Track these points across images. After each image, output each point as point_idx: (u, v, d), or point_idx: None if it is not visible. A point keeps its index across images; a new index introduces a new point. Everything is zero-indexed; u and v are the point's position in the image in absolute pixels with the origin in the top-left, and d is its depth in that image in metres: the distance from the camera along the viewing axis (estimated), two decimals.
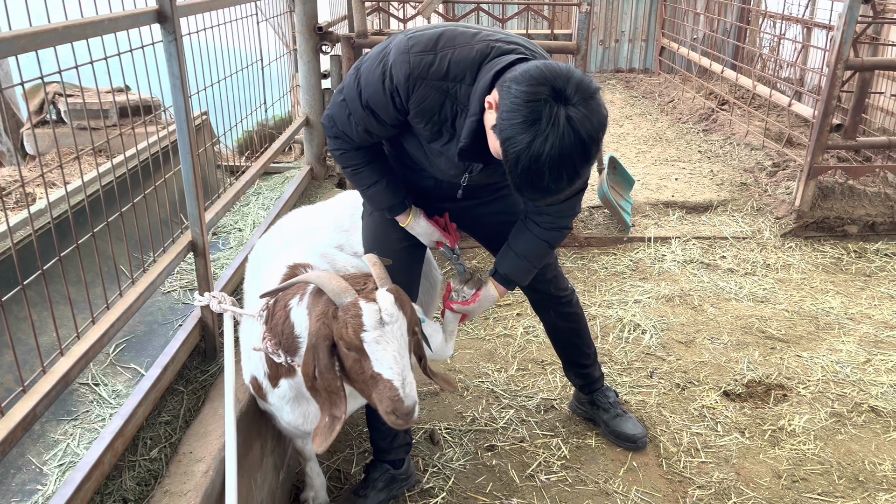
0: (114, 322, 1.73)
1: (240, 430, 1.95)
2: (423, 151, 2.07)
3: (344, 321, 1.60)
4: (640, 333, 3.50)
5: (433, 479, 2.56)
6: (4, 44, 1.28)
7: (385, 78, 1.86)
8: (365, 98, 1.92)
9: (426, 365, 1.92)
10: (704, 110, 6.63)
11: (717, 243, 4.39)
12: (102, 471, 1.68)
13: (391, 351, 1.60)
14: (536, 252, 2.19)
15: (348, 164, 2.12)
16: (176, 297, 2.81)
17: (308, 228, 2.30)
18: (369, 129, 2.00)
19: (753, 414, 2.91)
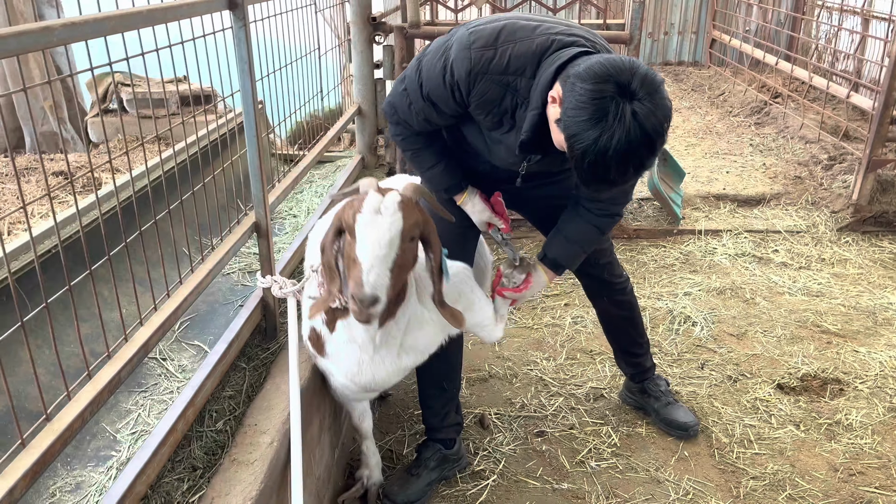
0: (187, 296, 1.80)
1: (302, 405, 2.02)
2: (483, 139, 2.11)
3: (350, 205, 1.71)
4: (691, 325, 3.48)
5: (483, 462, 2.60)
6: (95, 24, 1.35)
7: (446, 73, 1.90)
8: (426, 91, 1.97)
9: (440, 291, 1.90)
10: (756, 103, 6.51)
11: (769, 237, 4.32)
12: (175, 437, 1.76)
13: (373, 237, 1.64)
14: (587, 237, 2.22)
15: (409, 148, 2.18)
16: (235, 278, 2.89)
17: None
18: (429, 119, 2.05)
19: (808, 407, 2.87)
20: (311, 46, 3.38)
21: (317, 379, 2.24)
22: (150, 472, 1.62)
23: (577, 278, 2.67)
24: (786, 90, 6.21)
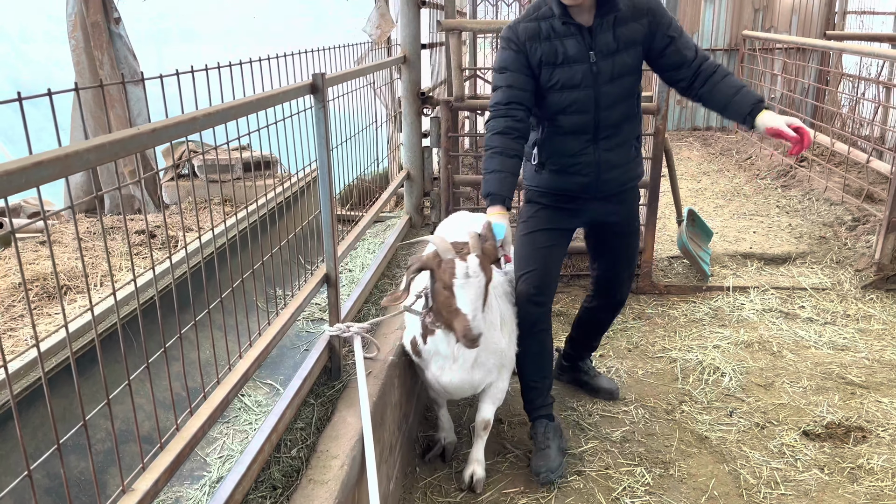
0: (276, 333, 2.12)
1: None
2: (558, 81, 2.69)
3: (444, 269, 2.36)
4: (720, 376, 3.67)
5: (525, 498, 2.81)
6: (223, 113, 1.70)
7: (503, 43, 2.72)
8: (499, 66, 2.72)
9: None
10: (782, 167, 6.77)
11: (795, 294, 4.52)
12: (262, 458, 2.04)
13: (470, 295, 2.33)
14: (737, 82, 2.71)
15: (490, 146, 2.66)
16: (300, 326, 3.22)
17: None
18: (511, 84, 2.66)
19: (833, 452, 3.04)
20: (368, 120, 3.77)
21: (377, 415, 2.52)
22: (244, 485, 1.90)
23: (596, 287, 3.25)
24: (810, 155, 6.47)
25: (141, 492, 1.36)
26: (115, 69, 4.87)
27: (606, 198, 2.92)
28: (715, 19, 8.77)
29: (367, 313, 3.32)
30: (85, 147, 1.17)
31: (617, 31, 2.67)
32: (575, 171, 2.84)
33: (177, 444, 1.53)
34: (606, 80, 2.70)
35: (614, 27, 2.66)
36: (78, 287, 3.32)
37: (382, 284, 3.66)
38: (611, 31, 2.66)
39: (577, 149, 2.80)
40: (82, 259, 1.30)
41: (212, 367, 2.07)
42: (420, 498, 2.84)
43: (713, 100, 2.73)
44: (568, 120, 2.76)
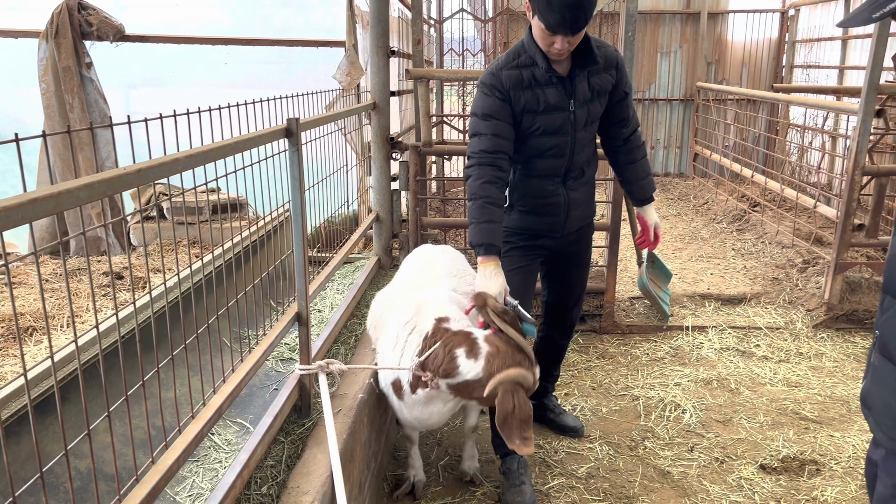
0: (249, 369, 2.16)
1: None
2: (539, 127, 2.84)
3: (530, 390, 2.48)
4: (681, 413, 3.78)
5: None
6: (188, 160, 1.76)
7: (485, 90, 2.80)
8: (483, 113, 2.78)
9: None
10: (737, 212, 7.04)
11: (751, 332, 4.69)
12: (234, 493, 2.06)
13: None
14: (647, 168, 3.12)
15: (478, 195, 2.70)
16: (270, 365, 3.24)
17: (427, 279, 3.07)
18: (497, 133, 2.75)
19: (789, 485, 3.15)
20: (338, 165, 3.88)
21: (347, 452, 2.55)
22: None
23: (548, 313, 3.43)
24: (762, 200, 6.76)
25: None
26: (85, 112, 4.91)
27: (570, 234, 3.13)
28: (671, 71, 9.18)
29: (337, 353, 3.36)
30: (76, 185, 1.24)
31: (591, 81, 2.87)
32: (545, 211, 3.02)
33: (152, 476, 1.56)
34: (581, 127, 2.90)
35: (589, 77, 2.86)
36: (44, 328, 3.30)
37: (351, 324, 3.71)
38: (586, 81, 2.85)
39: (549, 190, 2.98)
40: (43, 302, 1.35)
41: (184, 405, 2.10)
42: None
43: (626, 172, 3.12)
44: (543, 163, 2.94)
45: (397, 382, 2.76)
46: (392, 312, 2.96)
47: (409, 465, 3.14)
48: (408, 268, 3.32)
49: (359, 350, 3.37)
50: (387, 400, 3.02)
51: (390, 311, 2.98)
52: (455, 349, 2.52)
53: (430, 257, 3.31)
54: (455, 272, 3.16)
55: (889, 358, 1.68)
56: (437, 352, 2.56)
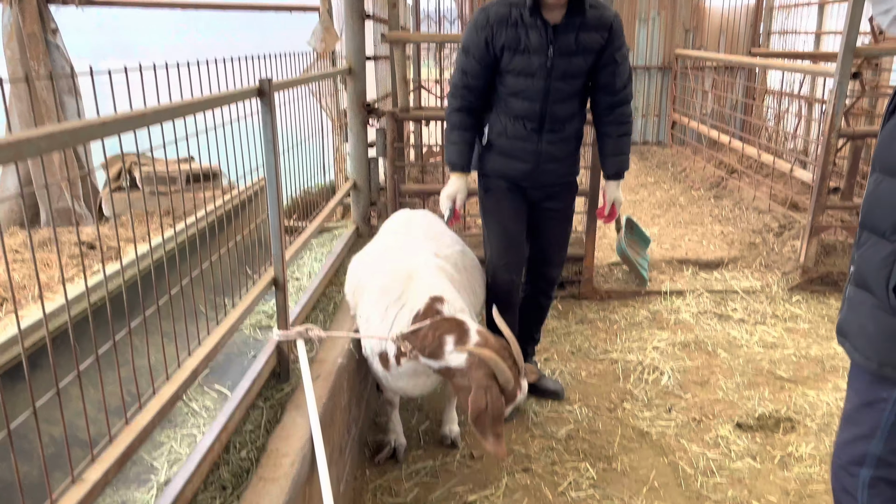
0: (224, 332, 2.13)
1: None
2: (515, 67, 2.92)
3: (509, 398, 2.44)
4: (659, 375, 3.82)
5: (473, 496, 2.86)
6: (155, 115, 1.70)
7: (472, 24, 2.93)
8: (463, 46, 2.97)
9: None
10: (715, 178, 7.08)
11: (728, 296, 4.74)
12: (212, 457, 2.04)
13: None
14: (625, 145, 3.14)
15: (449, 122, 3.11)
16: (248, 333, 3.21)
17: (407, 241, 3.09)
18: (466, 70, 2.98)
19: (764, 442, 3.20)
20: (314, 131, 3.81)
21: (327, 415, 2.54)
22: (194, 483, 1.90)
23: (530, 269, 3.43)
24: (740, 167, 6.79)
25: (90, 482, 1.36)
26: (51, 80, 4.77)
27: (544, 187, 3.18)
28: (648, 39, 9.14)
29: (315, 319, 3.34)
30: (38, 135, 1.19)
31: (579, 36, 2.88)
32: (517, 155, 3.09)
33: (126, 436, 1.54)
34: (559, 77, 2.92)
35: (578, 31, 2.87)
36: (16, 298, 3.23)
37: (330, 292, 3.68)
38: (573, 34, 2.86)
39: (523, 135, 3.04)
40: (9, 271, 1.31)
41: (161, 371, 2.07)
42: (370, 499, 2.86)
43: (603, 143, 3.18)
44: (518, 104, 3.00)
45: (384, 354, 2.76)
46: (372, 277, 2.94)
47: (390, 429, 3.15)
48: (386, 231, 3.30)
49: (338, 317, 3.35)
50: (368, 367, 3.01)
51: (370, 276, 2.96)
52: (445, 335, 2.52)
53: (409, 221, 3.30)
54: (433, 235, 3.14)
55: (864, 287, 1.76)
56: (425, 332, 2.55)
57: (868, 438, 1.80)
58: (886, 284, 1.70)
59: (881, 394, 1.76)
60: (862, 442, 1.82)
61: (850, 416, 1.86)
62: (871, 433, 1.79)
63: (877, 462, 1.80)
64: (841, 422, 1.94)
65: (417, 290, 2.69)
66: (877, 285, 1.72)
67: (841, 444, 1.91)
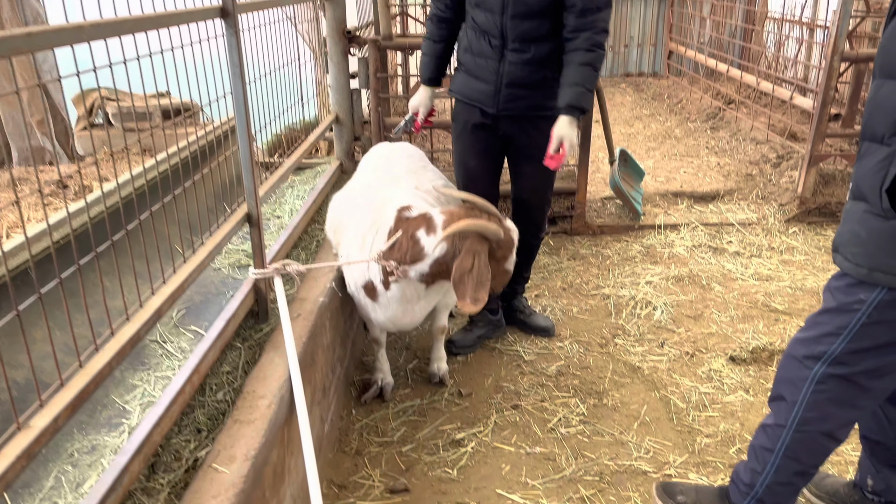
0: (192, 271, 2.01)
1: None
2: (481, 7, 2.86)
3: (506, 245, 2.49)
4: (652, 310, 3.74)
5: (462, 433, 2.81)
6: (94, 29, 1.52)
7: None
8: None
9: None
10: (712, 109, 6.88)
11: (723, 229, 4.63)
12: (184, 399, 1.95)
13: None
14: (585, 76, 2.75)
15: (427, 37, 3.14)
16: (226, 272, 3.09)
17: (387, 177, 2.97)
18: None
19: (758, 375, 3.14)
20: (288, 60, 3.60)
21: (307, 355, 2.45)
22: (164, 426, 1.81)
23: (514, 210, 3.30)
24: (738, 97, 6.58)
25: (38, 428, 1.26)
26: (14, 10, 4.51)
27: (514, 119, 2.99)
28: None
29: (297, 258, 3.22)
30: None
31: None
32: (479, 75, 2.97)
33: (79, 380, 1.43)
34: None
35: None
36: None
37: (313, 230, 3.55)
38: None
39: (486, 52, 2.92)
40: None
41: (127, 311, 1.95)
42: (356, 439, 2.81)
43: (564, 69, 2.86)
44: (480, 16, 2.88)
45: (369, 284, 2.68)
46: (352, 214, 2.83)
47: (377, 368, 3.08)
48: (365, 167, 3.17)
49: (320, 255, 3.23)
50: (353, 304, 2.92)
51: (350, 213, 2.85)
52: (416, 232, 2.47)
53: (389, 156, 3.15)
54: (414, 169, 3.01)
55: (859, 198, 1.77)
56: (400, 241, 2.50)
57: (833, 337, 1.85)
58: (880, 188, 1.68)
59: (860, 295, 1.78)
60: (826, 339, 1.87)
61: (820, 318, 1.91)
62: (836, 332, 1.84)
63: (833, 360, 1.86)
64: (808, 319, 1.96)
65: (387, 210, 2.64)
66: (870, 191, 1.71)
67: (801, 339, 1.95)
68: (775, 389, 2.05)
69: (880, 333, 1.81)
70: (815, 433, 1.95)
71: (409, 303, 2.66)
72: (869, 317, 1.80)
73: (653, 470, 2.59)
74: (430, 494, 2.50)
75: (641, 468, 2.60)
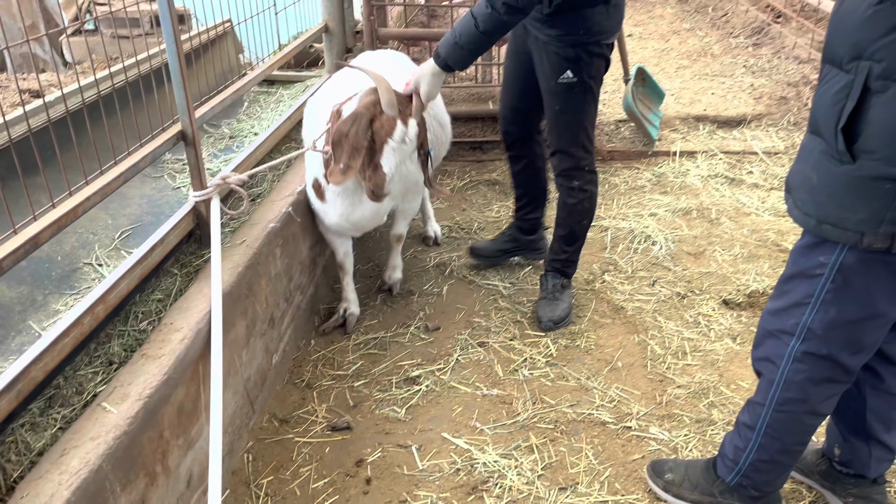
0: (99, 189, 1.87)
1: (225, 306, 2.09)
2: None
3: (383, 124, 2.25)
4: (650, 245, 3.47)
5: (419, 370, 2.67)
6: None
7: None
8: None
9: (428, 178, 2.55)
10: (758, 24, 6.27)
11: (745, 158, 4.24)
12: (81, 330, 1.83)
13: (396, 158, 2.30)
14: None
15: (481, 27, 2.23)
16: (185, 192, 2.95)
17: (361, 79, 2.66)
18: None
19: (749, 322, 2.89)
20: None
21: (243, 285, 2.31)
22: (49, 359, 1.70)
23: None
24: (788, 10, 5.96)
25: None
26: None
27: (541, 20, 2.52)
28: None
29: (263, 178, 3.05)
30: None
31: None
32: None
33: None
34: None
35: None
36: None
37: (288, 148, 3.36)
38: None
39: None
40: None
41: None
42: (309, 371, 2.70)
43: None
44: None
45: (315, 182, 2.65)
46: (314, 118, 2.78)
47: (343, 297, 2.95)
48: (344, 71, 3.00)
49: (287, 177, 3.05)
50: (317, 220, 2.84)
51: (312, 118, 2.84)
52: (342, 108, 2.43)
53: (368, 61, 2.99)
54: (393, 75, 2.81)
55: (815, 132, 1.53)
56: (329, 129, 2.44)
57: (801, 307, 1.66)
58: (835, 125, 1.42)
59: (819, 258, 1.57)
60: (795, 311, 1.67)
61: (785, 284, 1.71)
62: (803, 301, 1.65)
63: (808, 334, 1.66)
64: (776, 286, 1.75)
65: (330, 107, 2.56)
66: (826, 126, 1.46)
67: (772, 310, 1.76)
68: (755, 361, 1.86)
69: (850, 302, 1.57)
70: (796, 412, 1.77)
71: (353, 194, 2.56)
72: (833, 282, 1.56)
73: (613, 421, 2.41)
74: (371, 434, 2.39)
75: (601, 418, 2.42)
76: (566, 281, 2.97)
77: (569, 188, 2.80)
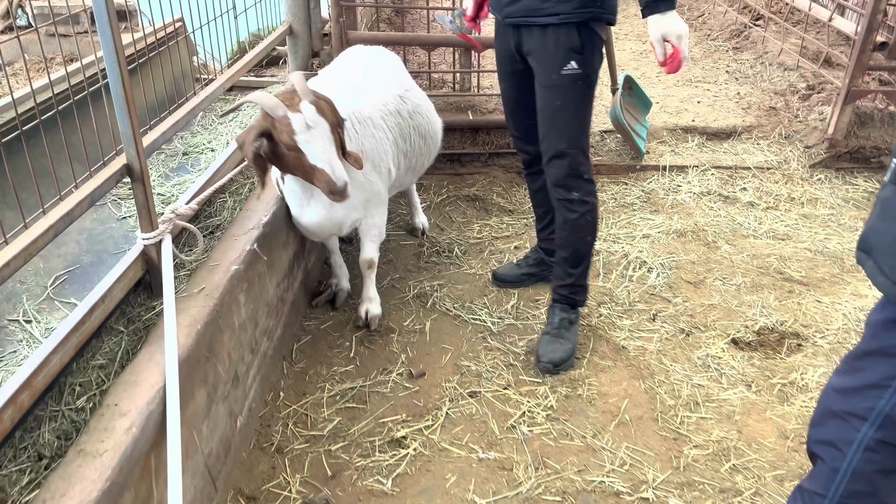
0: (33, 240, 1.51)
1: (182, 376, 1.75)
2: None
3: (280, 130, 2.15)
4: (647, 272, 3.22)
5: (406, 429, 2.36)
6: None
7: None
8: None
9: (345, 151, 2.34)
10: (736, 26, 6.08)
11: (738, 174, 4.03)
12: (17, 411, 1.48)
13: (319, 146, 2.16)
14: None
15: None
16: (133, 223, 2.56)
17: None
18: None
19: (762, 365, 2.66)
20: None
21: (202, 346, 1.97)
22: None
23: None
24: (767, 12, 5.78)
25: None
26: None
27: (517, 28, 2.48)
28: None
29: (223, 207, 2.68)
30: None
31: None
32: None
33: None
34: None
35: None
36: None
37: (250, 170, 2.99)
38: None
39: None
40: None
41: None
42: (279, 431, 2.37)
43: None
44: None
45: (277, 182, 2.64)
46: None
47: (332, 273, 3.02)
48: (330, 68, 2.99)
49: (251, 203, 2.69)
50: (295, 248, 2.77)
51: None
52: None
53: (353, 59, 2.94)
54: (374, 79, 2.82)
55: None
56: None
57: (879, 390, 1.41)
58: None
59: None
60: (871, 393, 1.42)
61: (860, 362, 1.46)
62: (883, 383, 1.40)
63: (884, 421, 1.41)
64: (846, 360, 1.50)
65: None
66: None
67: (840, 388, 1.50)
68: (812, 442, 1.59)
69: None
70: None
71: (304, 199, 2.53)
72: None
73: (627, 490, 2.14)
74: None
75: (614, 487, 2.15)
76: (574, 316, 2.71)
77: (568, 201, 2.57)
